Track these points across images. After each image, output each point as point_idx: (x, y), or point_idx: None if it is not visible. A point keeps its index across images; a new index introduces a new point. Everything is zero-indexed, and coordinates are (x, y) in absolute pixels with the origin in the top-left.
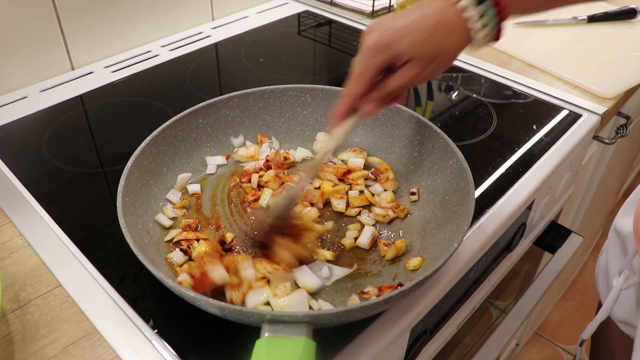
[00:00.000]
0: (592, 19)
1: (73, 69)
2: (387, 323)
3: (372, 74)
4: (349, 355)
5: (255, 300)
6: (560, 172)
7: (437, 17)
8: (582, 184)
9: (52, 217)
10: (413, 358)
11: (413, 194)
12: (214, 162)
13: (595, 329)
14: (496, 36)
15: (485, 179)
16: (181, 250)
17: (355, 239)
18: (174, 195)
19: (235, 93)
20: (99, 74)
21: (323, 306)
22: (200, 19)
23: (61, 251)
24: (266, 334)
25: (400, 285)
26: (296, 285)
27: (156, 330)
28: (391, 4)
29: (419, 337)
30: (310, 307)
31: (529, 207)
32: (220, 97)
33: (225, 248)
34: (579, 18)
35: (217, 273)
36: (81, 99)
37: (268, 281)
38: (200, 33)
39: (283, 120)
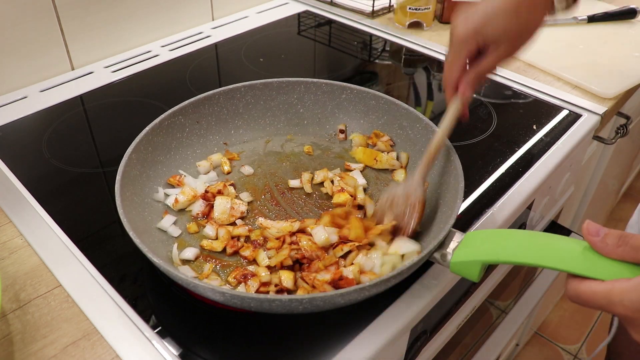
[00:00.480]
0: (592, 19)
1: (73, 69)
2: (387, 323)
3: (464, 60)
4: (349, 355)
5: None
6: (560, 172)
7: None
8: (582, 184)
9: (52, 217)
10: (413, 358)
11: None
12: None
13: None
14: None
15: (485, 179)
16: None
17: None
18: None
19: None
20: (99, 74)
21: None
22: (200, 19)
23: (61, 251)
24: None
25: None
26: None
27: (156, 330)
28: (391, 4)
29: (419, 337)
30: None
31: (529, 207)
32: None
33: None
34: (579, 18)
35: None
36: (81, 99)
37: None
38: (200, 33)
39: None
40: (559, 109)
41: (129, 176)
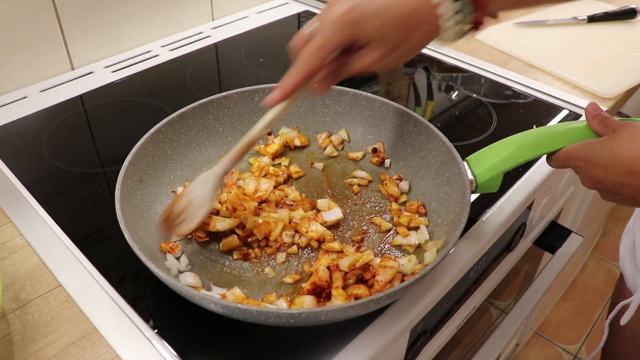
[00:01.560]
0: (592, 19)
1: (73, 69)
2: (387, 323)
3: (332, 49)
4: (349, 355)
5: None
6: (560, 172)
7: (410, 7)
8: (582, 185)
9: (52, 217)
10: (413, 358)
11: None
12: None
13: (633, 312)
14: (468, 32)
15: None
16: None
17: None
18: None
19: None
20: (99, 74)
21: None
22: (200, 19)
23: (61, 251)
24: None
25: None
26: None
27: (156, 330)
28: None
29: (419, 337)
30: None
31: (529, 207)
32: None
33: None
34: (579, 18)
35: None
36: (81, 99)
37: None
38: (200, 33)
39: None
40: (559, 109)
41: (132, 178)
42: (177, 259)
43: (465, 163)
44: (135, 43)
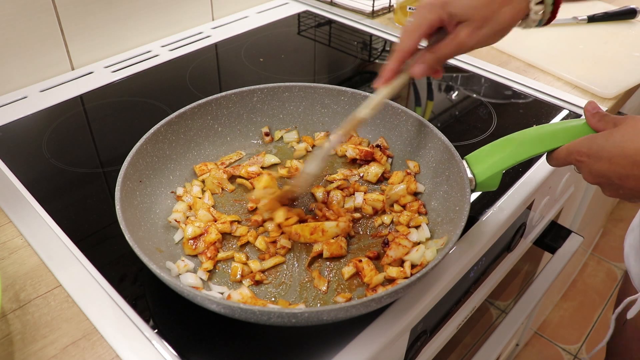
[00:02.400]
0: (592, 19)
1: (73, 69)
2: (387, 323)
3: (426, 29)
4: (349, 355)
5: None
6: (560, 172)
7: None
8: (582, 184)
9: (52, 217)
10: (413, 358)
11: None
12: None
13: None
14: (550, 18)
15: None
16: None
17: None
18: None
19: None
20: (99, 74)
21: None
22: (200, 19)
23: (61, 251)
24: None
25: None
26: None
27: (156, 330)
28: (391, 4)
29: (419, 337)
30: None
31: (529, 207)
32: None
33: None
34: (579, 18)
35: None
36: (81, 99)
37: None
38: (200, 33)
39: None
40: (559, 109)
41: (131, 179)
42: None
43: (464, 162)
44: (135, 43)
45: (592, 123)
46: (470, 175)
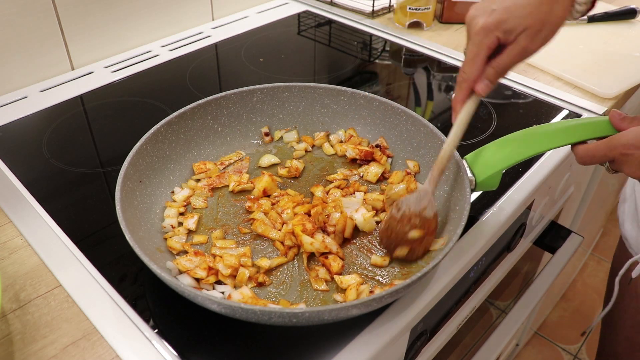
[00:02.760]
0: (592, 19)
1: (73, 69)
2: (387, 323)
3: (486, 54)
4: (349, 355)
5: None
6: (560, 172)
7: None
8: (582, 184)
9: (52, 217)
10: (413, 358)
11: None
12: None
13: None
14: (589, 8)
15: None
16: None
17: None
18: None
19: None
20: (99, 74)
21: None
22: (200, 19)
23: (61, 251)
24: None
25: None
26: None
27: (156, 330)
28: (391, 4)
29: (419, 337)
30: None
31: (529, 207)
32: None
33: None
34: (579, 18)
35: None
36: (81, 99)
37: None
38: (200, 33)
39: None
40: (559, 109)
41: (131, 179)
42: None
43: (464, 161)
44: (135, 43)
45: (624, 126)
46: (470, 175)
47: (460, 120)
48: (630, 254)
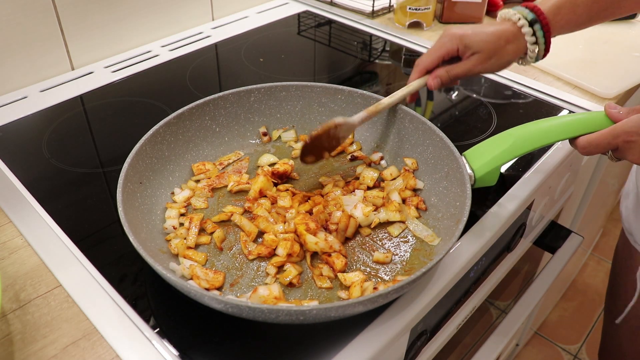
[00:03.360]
0: None
1: (73, 69)
2: (387, 323)
3: (444, 53)
4: (349, 355)
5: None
6: (560, 172)
7: (502, 29)
8: (582, 184)
9: (52, 217)
10: (413, 358)
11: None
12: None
13: None
14: (544, 52)
15: None
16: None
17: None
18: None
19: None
20: (99, 74)
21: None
22: (200, 19)
23: (61, 251)
24: None
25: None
26: None
27: (156, 330)
28: (391, 4)
29: (419, 337)
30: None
31: (529, 207)
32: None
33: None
34: None
35: None
36: (81, 99)
37: None
38: (200, 33)
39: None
40: (559, 109)
41: (132, 181)
42: None
43: (463, 158)
44: (135, 43)
45: (622, 117)
46: (469, 171)
47: (407, 89)
48: (635, 249)
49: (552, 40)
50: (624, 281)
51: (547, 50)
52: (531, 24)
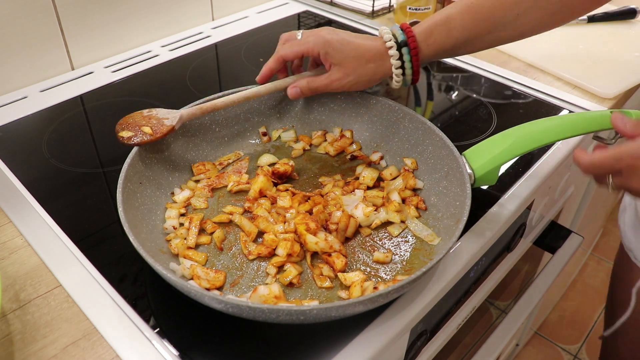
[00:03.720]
0: (592, 19)
1: (73, 69)
2: (387, 323)
3: (305, 50)
4: (349, 355)
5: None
6: (560, 172)
7: (369, 46)
8: (582, 184)
9: (52, 217)
10: (413, 358)
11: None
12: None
13: None
14: (413, 78)
15: None
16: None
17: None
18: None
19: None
20: (99, 74)
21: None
22: (200, 19)
23: (61, 251)
24: None
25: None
26: None
27: (156, 330)
28: (391, 4)
29: (419, 337)
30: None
31: (529, 207)
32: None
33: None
34: (579, 18)
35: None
36: (81, 99)
37: None
38: (200, 33)
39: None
40: (559, 109)
41: (131, 181)
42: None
43: (463, 157)
44: (135, 43)
45: (628, 131)
46: (469, 170)
47: (253, 91)
48: (635, 265)
49: (552, 39)
50: (619, 294)
51: (415, 75)
52: (400, 46)
